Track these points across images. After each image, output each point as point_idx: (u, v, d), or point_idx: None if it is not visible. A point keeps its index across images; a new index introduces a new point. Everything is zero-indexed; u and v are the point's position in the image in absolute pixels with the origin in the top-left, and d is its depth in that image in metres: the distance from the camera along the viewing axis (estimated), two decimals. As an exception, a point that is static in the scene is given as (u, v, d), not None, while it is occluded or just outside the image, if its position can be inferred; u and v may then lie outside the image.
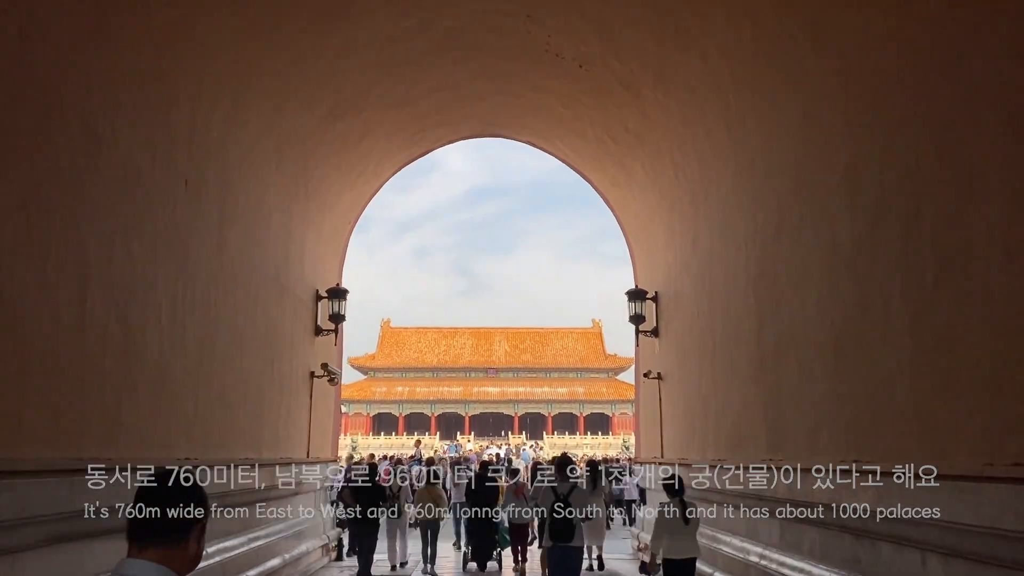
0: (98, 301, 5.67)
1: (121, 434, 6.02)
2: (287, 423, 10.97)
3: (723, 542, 9.00)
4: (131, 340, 6.24)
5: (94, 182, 5.62)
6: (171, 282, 7.01)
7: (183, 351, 7.30)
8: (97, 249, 5.65)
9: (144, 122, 6.44)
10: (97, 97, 5.63)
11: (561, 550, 7.86)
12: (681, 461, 10.80)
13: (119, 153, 6.01)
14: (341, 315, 12.70)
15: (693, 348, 10.47)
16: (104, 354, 5.80)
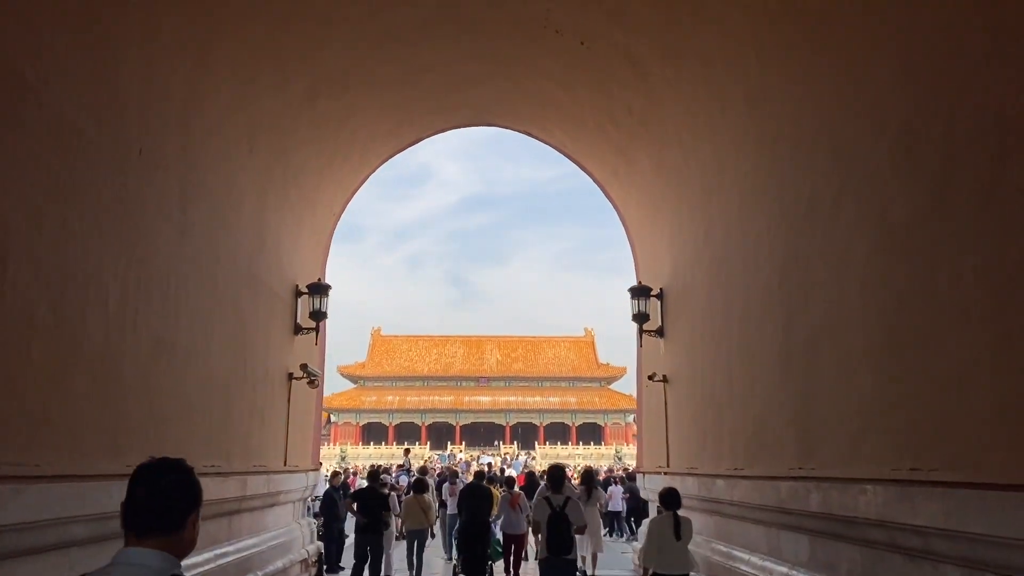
0: (21, 276, 4.78)
1: (49, 437, 5.11)
2: (261, 429, 10.04)
3: (740, 560, 8.14)
4: (66, 328, 5.34)
5: (17, 135, 4.73)
6: (120, 263, 6.11)
7: (135, 344, 6.39)
8: (20, 214, 4.76)
9: (85, 76, 5.55)
10: (21, 34, 4.76)
11: (557, 562, 7.68)
12: (691, 471, 9.94)
13: (52, 108, 5.12)
14: (323, 312, 11.80)
15: (705, 347, 9.62)
16: (29, 342, 4.90)
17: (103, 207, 5.88)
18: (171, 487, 2.10)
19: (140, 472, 2.09)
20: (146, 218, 6.57)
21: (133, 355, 6.34)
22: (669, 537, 7.33)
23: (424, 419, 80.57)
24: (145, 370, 6.56)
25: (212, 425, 8.21)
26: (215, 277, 8.32)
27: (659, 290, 11.87)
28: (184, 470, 2.15)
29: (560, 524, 7.66)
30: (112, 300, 6.01)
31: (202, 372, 7.90)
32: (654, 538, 7.50)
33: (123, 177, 6.20)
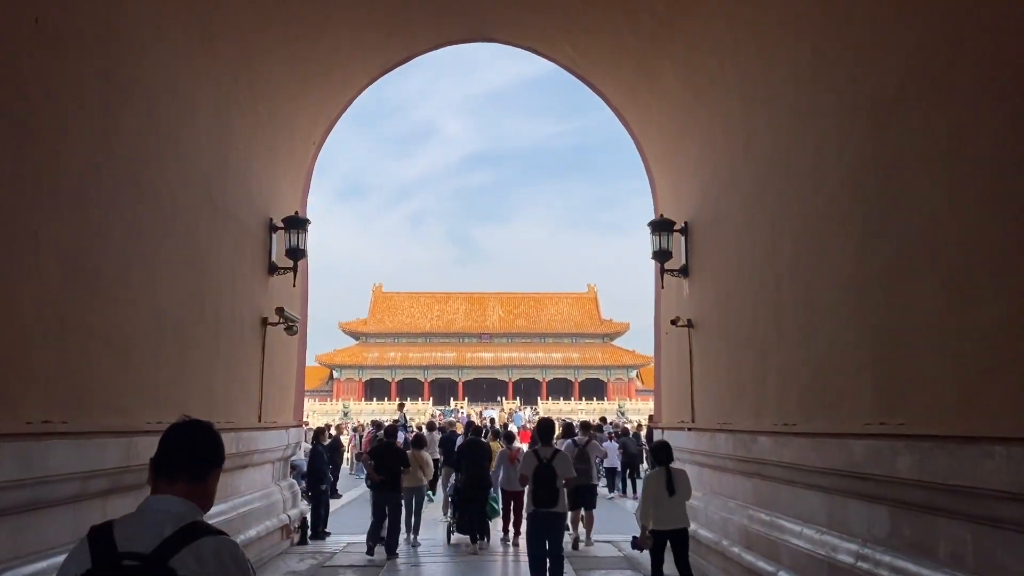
0: None
1: None
2: (227, 380, 8.71)
3: (789, 532, 6.84)
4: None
5: None
6: (8, 160, 4.68)
7: (36, 270, 5.00)
8: None
9: None
10: None
11: (543, 516, 7.50)
12: (723, 427, 8.62)
13: None
14: (301, 250, 10.38)
15: (743, 284, 8.21)
16: None
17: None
18: (200, 442, 2.25)
19: (172, 429, 2.26)
20: (46, 107, 5.12)
21: (34, 285, 4.96)
22: (663, 493, 7.16)
23: (427, 375, 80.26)
24: (53, 305, 5.17)
25: (159, 374, 6.86)
26: (158, 196, 6.89)
27: (683, 224, 10.43)
28: (212, 430, 2.29)
29: (546, 476, 7.45)
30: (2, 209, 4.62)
31: (142, 309, 6.52)
32: (649, 495, 7.31)
33: (12, 49, 4.74)
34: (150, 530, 1.99)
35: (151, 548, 1.96)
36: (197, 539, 2.00)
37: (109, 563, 1.95)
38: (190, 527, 2.03)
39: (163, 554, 1.95)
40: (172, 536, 1.98)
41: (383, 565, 9.45)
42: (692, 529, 9.43)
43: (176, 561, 1.94)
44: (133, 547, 1.96)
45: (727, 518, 8.49)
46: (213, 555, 1.99)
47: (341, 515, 14.35)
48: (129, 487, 6.33)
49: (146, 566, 1.94)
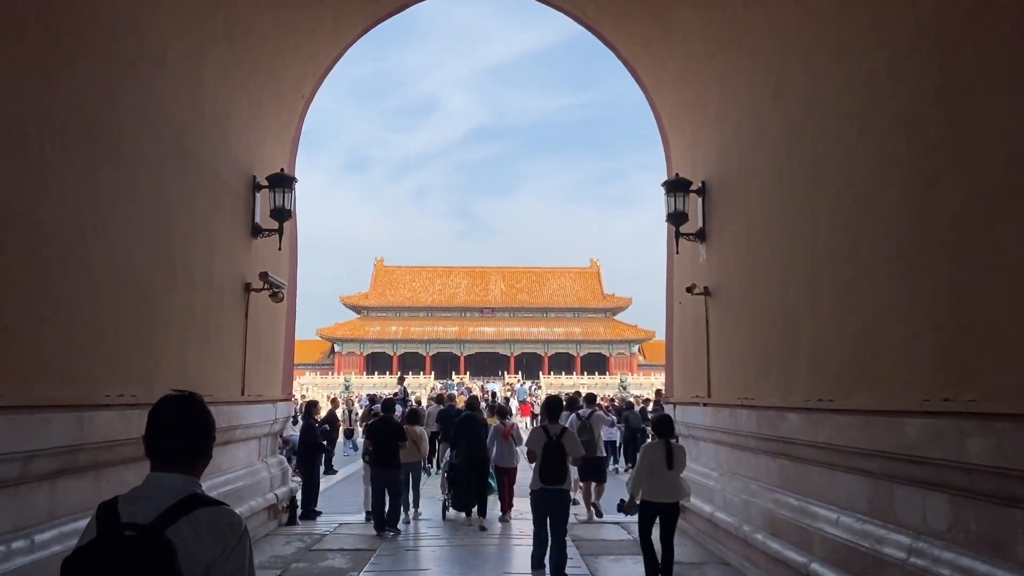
0: None
1: None
2: (204, 350, 7.99)
3: (823, 519, 6.14)
4: None
5: None
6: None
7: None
8: None
9: None
10: None
11: (550, 493, 7.39)
12: (745, 403, 7.89)
13: None
14: (287, 210, 9.61)
15: (770, 246, 7.45)
16: None
17: None
18: (189, 430, 2.25)
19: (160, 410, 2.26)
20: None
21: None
22: (660, 465, 7.08)
23: (428, 349, 79.97)
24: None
25: (119, 341, 6.13)
26: (116, 143, 6.11)
27: (700, 184, 9.63)
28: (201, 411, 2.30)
29: (555, 454, 7.37)
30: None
31: (98, 269, 5.78)
32: (645, 465, 7.19)
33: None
34: (150, 503, 2.07)
35: (150, 519, 2.03)
36: (194, 510, 2.06)
37: (112, 533, 2.05)
38: (188, 499, 2.09)
39: (160, 525, 2.02)
40: (170, 508, 2.05)
41: (375, 549, 8.80)
42: (709, 512, 8.78)
43: (172, 531, 2.01)
44: (134, 518, 2.05)
45: (748, 501, 7.80)
46: (208, 525, 2.05)
47: (335, 492, 13.73)
48: (83, 468, 5.64)
49: (144, 536, 2.01)
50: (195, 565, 2.02)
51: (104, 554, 2.00)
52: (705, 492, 9.23)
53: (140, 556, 1.98)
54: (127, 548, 1.99)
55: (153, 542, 1.99)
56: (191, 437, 2.24)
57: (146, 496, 2.12)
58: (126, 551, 1.99)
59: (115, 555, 1.99)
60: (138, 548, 1.99)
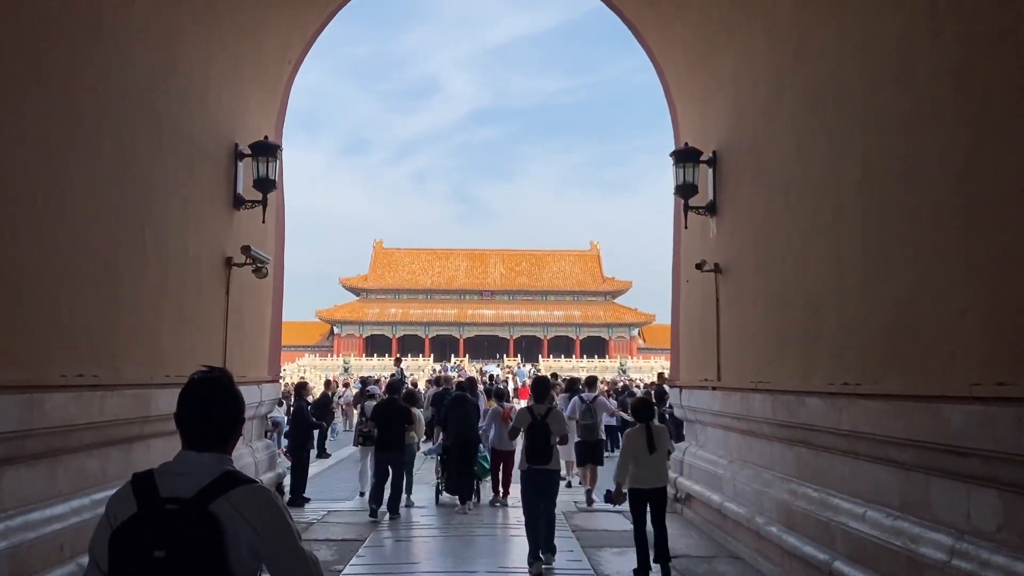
0: None
1: None
2: (179, 327, 7.45)
3: (847, 514, 5.63)
4: None
5: None
6: None
7: None
8: None
9: None
10: None
11: (536, 473, 7.32)
12: (759, 386, 7.37)
13: None
14: (271, 180, 9.03)
15: (789, 219, 6.89)
16: None
17: None
18: (220, 414, 2.23)
19: (189, 393, 2.24)
20: None
21: None
22: (643, 450, 6.95)
23: (428, 332, 79.65)
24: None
25: (78, 317, 5.58)
26: (72, 96, 5.53)
27: (711, 154, 9.06)
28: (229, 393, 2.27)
29: (539, 433, 7.31)
30: None
31: (49, 237, 5.22)
32: (628, 452, 7.06)
33: None
34: (188, 479, 2.09)
35: (191, 495, 2.05)
36: (232, 488, 2.08)
37: (153, 507, 2.05)
38: (225, 476, 2.12)
39: (203, 500, 2.04)
40: (210, 484, 2.07)
41: (363, 540, 8.30)
42: (717, 502, 8.30)
43: (215, 506, 2.04)
44: (175, 493, 2.05)
45: (761, 491, 7.30)
46: (247, 503, 2.07)
47: (327, 478, 13.25)
48: (35, 456, 5.12)
49: (187, 510, 2.03)
50: (238, 543, 2.03)
51: (151, 527, 2.00)
52: (713, 480, 8.74)
53: (188, 530, 2.00)
54: (173, 522, 2.01)
55: (200, 517, 2.01)
56: (219, 420, 2.22)
57: (180, 472, 2.13)
58: (173, 525, 2.00)
59: (162, 528, 2.00)
60: (184, 522, 2.01)
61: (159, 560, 1.96)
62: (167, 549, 1.97)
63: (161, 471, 2.15)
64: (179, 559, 1.97)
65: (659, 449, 7.01)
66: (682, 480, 9.92)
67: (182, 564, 1.97)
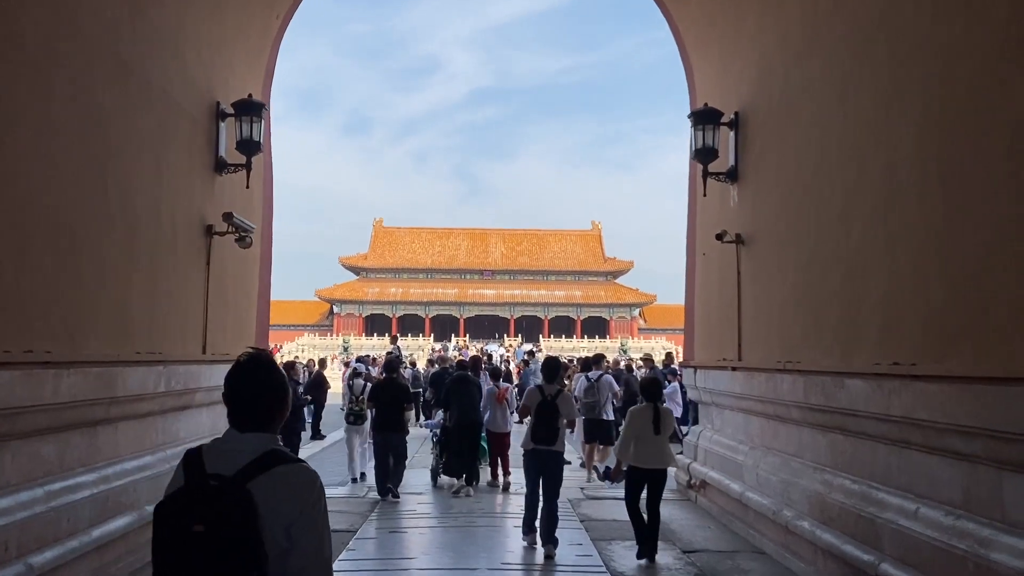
0: None
1: None
2: (151, 300, 6.77)
3: (897, 510, 4.99)
4: None
5: None
6: None
7: None
8: None
9: None
10: None
11: (541, 453, 7.15)
12: (787, 367, 6.71)
13: None
14: (255, 142, 8.32)
15: (826, 182, 6.20)
16: None
17: None
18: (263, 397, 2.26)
19: (234, 375, 2.27)
20: None
21: None
22: (648, 430, 6.81)
23: (428, 311, 79.22)
24: None
25: (25, 285, 4.91)
26: (21, 34, 4.83)
27: (732, 116, 8.34)
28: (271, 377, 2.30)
29: (548, 414, 7.10)
30: None
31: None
32: (631, 430, 6.91)
33: None
34: (232, 456, 2.14)
35: (233, 471, 2.10)
36: (274, 467, 2.12)
37: (198, 482, 2.11)
38: (268, 455, 2.15)
39: (243, 477, 2.08)
40: (252, 462, 2.11)
41: (355, 530, 7.68)
42: (737, 491, 7.69)
43: (253, 485, 2.07)
44: (217, 469, 2.12)
45: (789, 481, 6.67)
46: (286, 482, 2.11)
47: (320, 460, 12.64)
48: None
49: (227, 486, 2.07)
50: (276, 520, 2.06)
51: (191, 502, 2.06)
52: (732, 468, 8.12)
53: (223, 506, 2.03)
54: (212, 497, 2.05)
55: (235, 494, 2.05)
56: (264, 401, 2.25)
57: (227, 449, 2.19)
58: (212, 500, 2.05)
59: (201, 503, 2.05)
60: (221, 498, 2.04)
61: (198, 534, 2.00)
62: (206, 524, 2.01)
63: (209, 448, 2.22)
64: (216, 534, 2.01)
65: (664, 430, 6.87)
66: (696, 466, 9.30)
67: (219, 539, 2.01)
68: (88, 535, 5.46)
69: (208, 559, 2.00)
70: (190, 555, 2.01)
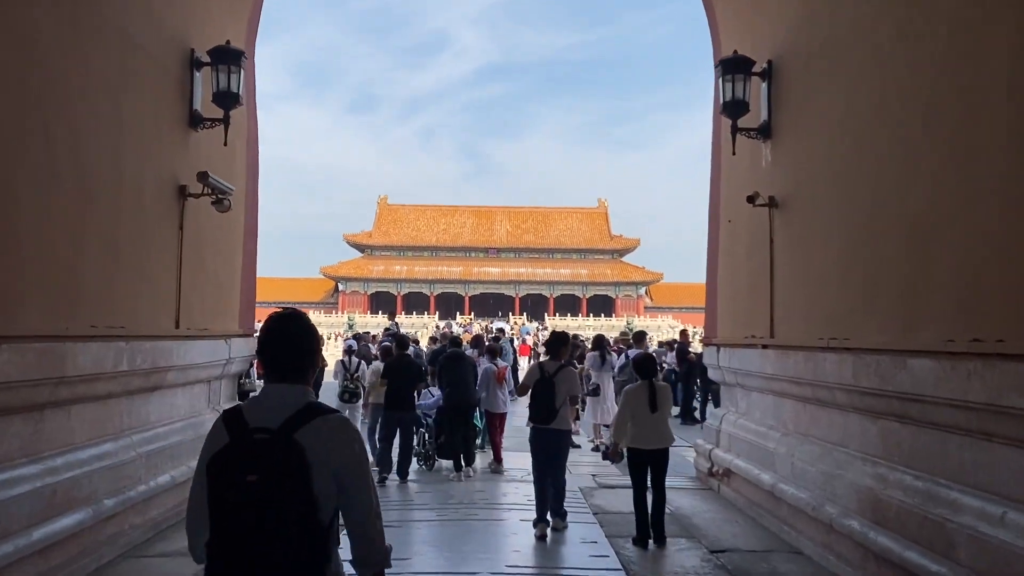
0: None
1: None
2: (111, 268, 5.99)
3: (974, 513, 4.21)
4: None
5: None
6: None
7: None
8: None
9: None
10: None
11: (539, 432, 6.93)
12: (831, 344, 5.90)
13: None
14: (233, 93, 7.47)
15: (882, 132, 5.35)
16: None
17: None
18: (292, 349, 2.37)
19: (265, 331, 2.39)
20: None
21: None
22: (643, 409, 6.56)
23: (433, 289, 78.69)
24: None
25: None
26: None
27: (764, 66, 7.47)
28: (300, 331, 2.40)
29: (545, 391, 6.86)
30: None
31: None
32: (627, 410, 6.66)
33: None
34: (274, 411, 2.25)
35: (277, 424, 2.22)
36: (314, 418, 2.25)
37: (243, 436, 2.23)
38: (308, 407, 2.28)
39: (289, 428, 2.21)
40: (294, 415, 2.24)
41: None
42: (768, 482, 6.93)
43: (299, 435, 2.20)
44: (262, 423, 2.23)
45: (832, 474, 5.88)
46: (326, 431, 2.24)
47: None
48: None
49: (275, 438, 2.20)
50: (323, 467, 2.19)
51: (243, 454, 2.19)
52: (762, 456, 7.35)
53: (275, 454, 2.17)
54: (263, 448, 2.18)
55: (284, 444, 2.17)
56: (297, 353, 2.35)
57: (267, 405, 2.30)
58: (262, 451, 2.17)
59: (253, 455, 2.17)
60: (272, 448, 2.17)
61: (252, 483, 2.13)
62: (259, 473, 2.14)
63: (248, 405, 2.37)
64: (270, 482, 2.13)
65: (661, 409, 6.63)
66: (719, 452, 8.53)
67: (272, 487, 2.13)
68: (27, 536, 4.71)
69: (264, 506, 2.11)
70: (247, 504, 2.12)
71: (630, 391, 6.78)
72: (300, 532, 2.12)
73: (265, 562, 2.11)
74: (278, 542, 2.11)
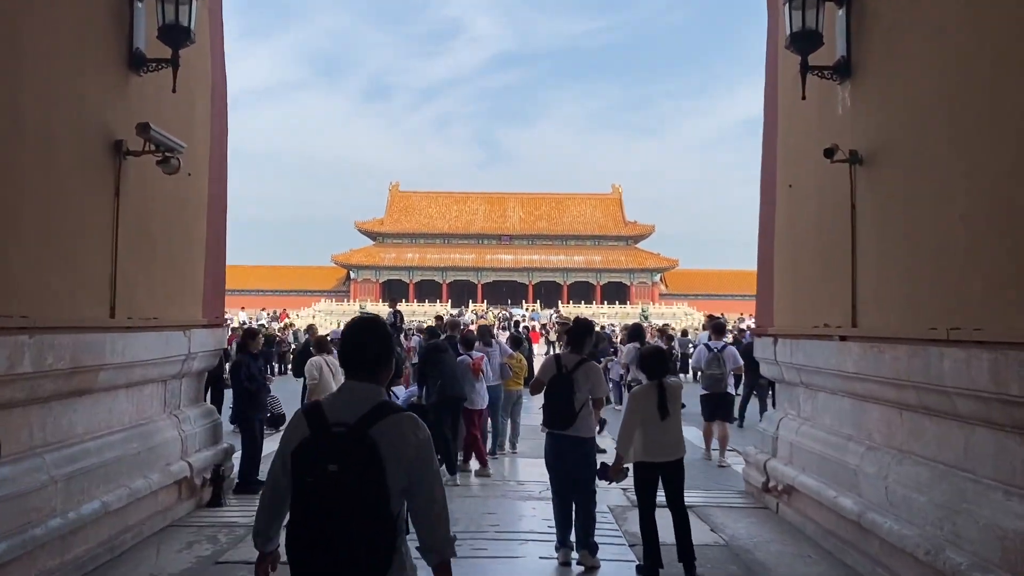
0: None
1: None
2: (11, 243, 4.60)
3: None
4: None
5: None
6: None
7: None
8: None
9: None
10: None
11: (555, 439, 5.83)
12: (957, 335, 4.42)
13: None
14: (183, 27, 6.05)
15: (1019, 51, 3.85)
16: None
17: None
18: (366, 351, 2.62)
19: (345, 334, 2.70)
20: None
21: None
22: (652, 414, 5.53)
23: (445, 277, 77.74)
24: None
25: None
26: None
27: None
28: (375, 336, 2.66)
29: (561, 389, 5.75)
30: None
31: None
32: (634, 416, 5.59)
33: None
34: (351, 407, 2.49)
35: (353, 420, 2.45)
36: (386, 416, 2.47)
37: (323, 430, 2.46)
38: (381, 405, 2.51)
39: (364, 424, 2.43)
40: (369, 412, 2.46)
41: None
42: (853, 510, 5.48)
43: (374, 431, 2.42)
44: (340, 418, 2.46)
45: (955, 508, 4.43)
46: (397, 429, 2.45)
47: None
48: None
49: (351, 432, 2.43)
50: (395, 460, 2.41)
51: (323, 446, 2.41)
52: (838, 473, 5.91)
53: (353, 449, 2.39)
54: (342, 441, 2.41)
55: (362, 439, 2.39)
56: (370, 355, 2.60)
57: (345, 401, 2.53)
58: (341, 444, 2.40)
59: (333, 447, 2.40)
60: (350, 442, 2.40)
61: (333, 472, 2.37)
62: (339, 464, 2.37)
63: (327, 401, 2.57)
64: (348, 472, 2.37)
65: (673, 412, 5.63)
66: (778, 465, 7.09)
67: (350, 476, 2.37)
68: None
69: (342, 493, 2.35)
70: (327, 491, 2.37)
71: (637, 393, 5.77)
72: (373, 518, 2.35)
73: (341, 542, 2.34)
74: (353, 525, 2.34)
